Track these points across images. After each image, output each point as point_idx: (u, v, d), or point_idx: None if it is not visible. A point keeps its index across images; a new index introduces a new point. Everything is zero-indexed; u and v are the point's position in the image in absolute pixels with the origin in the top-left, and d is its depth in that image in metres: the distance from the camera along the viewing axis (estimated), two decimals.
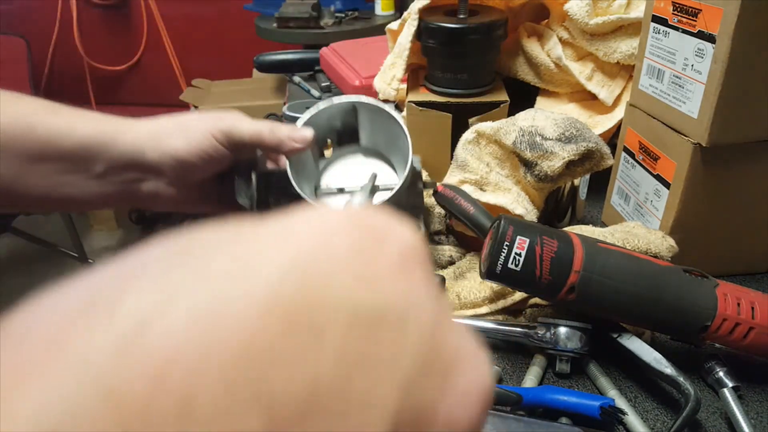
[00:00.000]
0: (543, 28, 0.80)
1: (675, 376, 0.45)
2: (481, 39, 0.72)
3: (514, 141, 0.60)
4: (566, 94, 0.81)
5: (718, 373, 0.49)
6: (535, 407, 0.46)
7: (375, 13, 1.97)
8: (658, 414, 0.47)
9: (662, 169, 0.59)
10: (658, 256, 0.54)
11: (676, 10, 0.54)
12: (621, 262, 0.48)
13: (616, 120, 0.74)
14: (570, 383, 0.51)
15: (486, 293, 0.58)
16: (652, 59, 0.59)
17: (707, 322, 0.46)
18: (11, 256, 2.55)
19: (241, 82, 2.44)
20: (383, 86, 0.86)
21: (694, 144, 0.53)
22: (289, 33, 1.80)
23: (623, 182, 0.67)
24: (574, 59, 0.78)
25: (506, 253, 0.48)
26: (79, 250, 2.05)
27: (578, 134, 0.59)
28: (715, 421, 0.47)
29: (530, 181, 0.60)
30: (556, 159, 0.58)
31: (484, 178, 0.63)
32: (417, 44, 0.78)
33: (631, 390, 0.50)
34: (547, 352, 0.52)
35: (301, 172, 0.69)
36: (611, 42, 0.73)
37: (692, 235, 0.58)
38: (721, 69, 0.49)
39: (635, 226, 0.58)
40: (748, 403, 0.48)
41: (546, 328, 0.51)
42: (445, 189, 0.60)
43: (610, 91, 0.76)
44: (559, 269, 0.47)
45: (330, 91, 1.21)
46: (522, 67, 0.82)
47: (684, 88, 0.54)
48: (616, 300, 0.47)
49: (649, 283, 0.47)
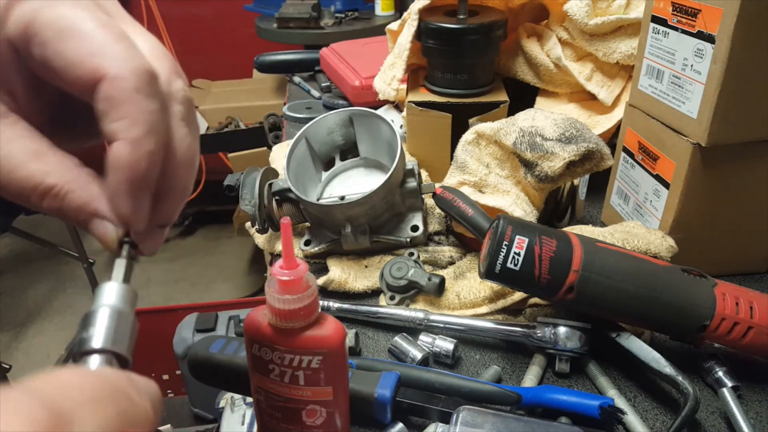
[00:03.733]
0: (542, 28, 0.80)
1: (674, 375, 0.45)
2: (481, 39, 0.73)
3: (514, 141, 0.60)
4: (566, 94, 0.81)
5: (717, 373, 0.49)
6: (535, 407, 0.46)
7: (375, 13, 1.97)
8: (657, 413, 0.47)
9: (662, 169, 0.59)
10: (657, 256, 0.54)
11: (675, 11, 0.55)
12: (620, 261, 0.48)
13: (615, 120, 0.74)
14: (569, 383, 0.51)
15: (486, 293, 0.58)
16: (651, 59, 0.60)
17: (706, 322, 0.46)
18: (11, 256, 2.55)
19: (241, 82, 2.44)
20: (383, 86, 0.86)
21: (694, 144, 0.53)
22: (289, 33, 1.80)
23: (623, 182, 0.67)
24: (573, 59, 0.78)
25: (505, 252, 0.48)
26: (79, 249, 2.05)
27: (578, 135, 0.59)
28: (714, 420, 0.47)
29: (530, 181, 0.61)
30: (556, 159, 0.58)
31: (483, 179, 0.63)
32: (417, 44, 0.78)
33: (631, 389, 0.50)
34: (546, 352, 0.52)
35: (302, 179, 0.69)
36: (611, 42, 0.73)
37: (691, 235, 0.58)
38: (720, 69, 0.49)
39: (635, 226, 0.59)
40: (748, 403, 0.48)
41: (545, 327, 0.51)
42: (444, 191, 0.60)
43: (609, 92, 0.76)
44: (558, 269, 0.47)
45: (330, 91, 1.21)
46: (521, 67, 0.82)
47: (683, 89, 0.54)
48: (615, 299, 0.47)
49: (647, 283, 0.47)
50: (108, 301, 0.25)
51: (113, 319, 0.25)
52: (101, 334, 0.24)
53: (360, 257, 0.67)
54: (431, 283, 0.58)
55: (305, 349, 0.35)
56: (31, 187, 0.25)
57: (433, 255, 0.66)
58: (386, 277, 0.61)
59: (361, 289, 0.62)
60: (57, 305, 2.29)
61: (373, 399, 0.45)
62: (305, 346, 0.35)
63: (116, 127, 0.24)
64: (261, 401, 0.39)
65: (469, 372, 0.53)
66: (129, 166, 0.25)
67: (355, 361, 0.51)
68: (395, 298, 0.60)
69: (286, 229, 0.32)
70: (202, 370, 0.50)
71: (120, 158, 0.24)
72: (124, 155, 0.24)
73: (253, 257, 2.48)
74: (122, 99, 0.24)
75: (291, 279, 0.33)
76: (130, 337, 0.25)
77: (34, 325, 2.19)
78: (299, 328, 0.35)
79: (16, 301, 2.30)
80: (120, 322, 0.25)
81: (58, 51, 0.24)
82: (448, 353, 0.53)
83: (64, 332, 2.11)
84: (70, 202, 0.25)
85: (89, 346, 0.24)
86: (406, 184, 0.66)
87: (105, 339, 0.24)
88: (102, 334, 0.24)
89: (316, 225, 0.68)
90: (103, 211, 0.26)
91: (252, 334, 0.36)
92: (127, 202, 0.25)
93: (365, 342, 0.57)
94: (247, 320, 0.36)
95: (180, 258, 2.57)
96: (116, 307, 0.25)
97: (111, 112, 0.24)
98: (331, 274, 0.62)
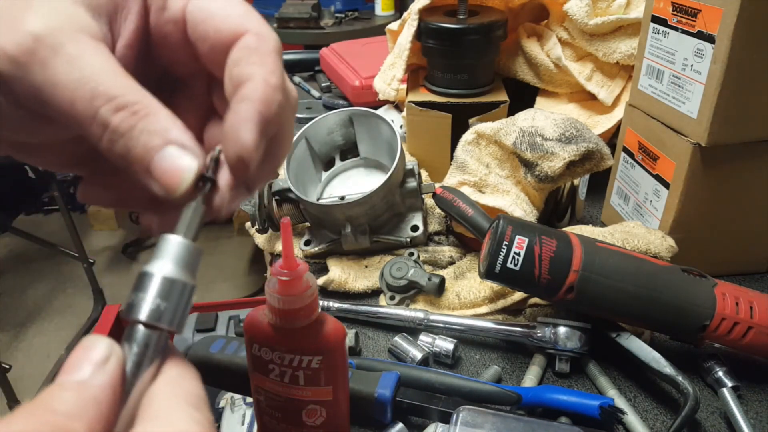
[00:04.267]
0: (542, 28, 0.81)
1: (674, 375, 0.45)
2: (481, 39, 0.73)
3: (514, 141, 0.60)
4: (566, 94, 0.81)
5: (717, 373, 0.49)
6: (535, 407, 0.46)
7: (375, 13, 1.98)
8: (657, 413, 0.47)
9: (662, 169, 0.59)
10: (657, 256, 0.54)
11: (675, 11, 0.55)
12: (620, 261, 0.48)
13: (615, 120, 0.74)
14: (569, 383, 0.51)
15: (486, 293, 0.58)
16: (651, 59, 0.60)
17: (706, 322, 0.46)
18: (11, 256, 2.55)
19: None
20: (383, 86, 0.86)
21: (694, 144, 0.53)
22: (290, 33, 1.80)
23: (623, 182, 0.67)
24: (573, 59, 0.78)
25: (505, 252, 0.48)
26: (80, 249, 2.05)
27: (578, 135, 0.59)
28: (714, 420, 0.47)
29: (530, 181, 0.60)
30: (556, 159, 0.58)
31: (483, 179, 0.63)
32: (417, 44, 0.78)
33: (631, 389, 0.50)
34: (546, 352, 0.52)
35: (302, 179, 0.69)
36: (611, 42, 0.73)
37: (692, 235, 0.58)
38: (720, 69, 0.49)
39: (635, 226, 0.59)
40: (748, 403, 0.48)
41: (545, 327, 0.51)
42: (444, 191, 0.60)
43: (609, 92, 0.76)
44: (558, 269, 0.47)
45: (330, 91, 1.21)
46: (522, 67, 0.82)
47: (683, 89, 0.54)
48: (615, 299, 0.47)
49: (647, 283, 0.47)
50: (166, 265, 0.24)
51: (166, 287, 0.23)
52: (149, 304, 0.23)
53: (360, 257, 0.67)
54: (431, 283, 0.58)
55: (305, 349, 0.35)
56: (106, 98, 0.23)
57: (433, 255, 0.66)
58: (386, 277, 0.61)
59: (361, 289, 0.62)
60: (57, 305, 2.29)
61: (373, 399, 0.45)
62: (305, 346, 0.35)
63: (255, 70, 0.25)
64: (261, 401, 0.39)
65: (469, 372, 0.53)
66: (263, 100, 0.24)
67: (355, 361, 0.51)
68: (395, 298, 0.60)
69: (286, 229, 0.32)
70: (202, 370, 0.50)
71: (256, 91, 0.24)
72: (260, 90, 0.24)
73: (253, 257, 2.48)
74: (264, 51, 0.25)
75: (291, 279, 0.33)
76: (182, 309, 0.24)
77: (33, 325, 2.19)
78: (299, 328, 0.35)
79: (16, 301, 2.30)
80: (173, 290, 0.24)
81: (207, 21, 0.26)
82: (448, 353, 0.53)
83: (64, 332, 2.11)
84: (147, 124, 0.23)
85: (135, 316, 0.23)
86: (406, 184, 0.66)
87: (152, 311, 0.23)
88: (150, 303, 0.23)
89: (316, 225, 0.68)
90: (182, 139, 0.24)
91: (252, 333, 0.36)
92: (253, 132, 0.24)
93: (365, 342, 0.57)
94: (247, 320, 0.36)
95: None
96: (173, 273, 0.24)
97: (252, 57, 0.25)
98: (331, 274, 0.62)
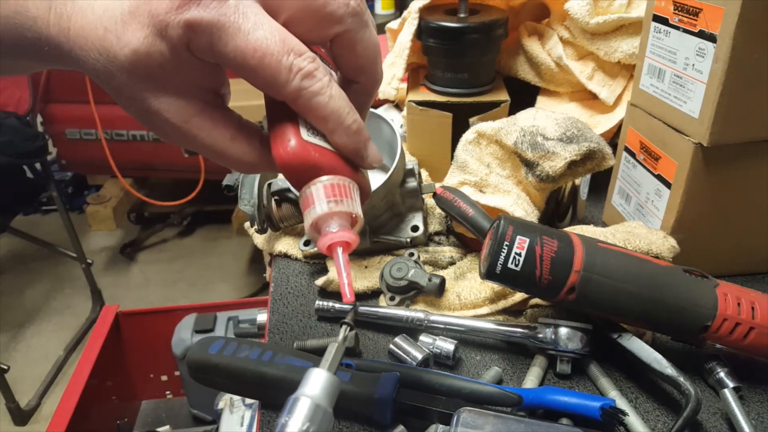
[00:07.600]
0: (543, 27, 0.80)
1: (676, 376, 0.45)
2: (482, 38, 0.72)
3: (515, 141, 0.60)
4: (567, 93, 0.81)
5: (719, 374, 0.48)
6: (536, 408, 0.46)
7: (375, 12, 1.97)
8: (658, 415, 0.47)
9: (663, 169, 0.58)
10: (659, 257, 0.54)
11: (677, 10, 0.54)
12: (621, 262, 0.48)
13: (617, 120, 0.74)
14: (571, 384, 0.51)
15: (486, 293, 0.58)
16: (653, 59, 0.59)
17: (707, 322, 0.46)
18: (10, 256, 2.55)
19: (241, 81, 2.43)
20: (383, 85, 0.86)
21: (695, 144, 0.53)
22: None
23: (624, 182, 0.67)
24: (574, 58, 0.78)
25: (506, 253, 0.48)
26: (78, 250, 2.04)
27: (580, 134, 0.59)
28: (715, 421, 0.47)
29: (531, 181, 0.60)
30: (557, 159, 0.58)
31: (484, 179, 0.63)
32: (417, 43, 0.78)
33: (632, 391, 0.50)
34: (547, 353, 0.52)
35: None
36: (612, 41, 0.73)
37: (693, 235, 0.58)
38: (722, 68, 0.49)
39: (636, 226, 0.58)
40: (749, 404, 0.48)
41: (546, 328, 0.51)
42: (445, 191, 0.60)
43: (611, 91, 0.76)
44: (559, 269, 0.47)
45: None
46: (522, 66, 0.82)
47: (685, 88, 0.54)
48: (617, 300, 0.47)
49: (649, 283, 0.47)
50: (312, 391, 0.32)
51: (310, 412, 0.32)
52: (296, 426, 0.31)
53: (360, 257, 0.66)
54: (431, 284, 0.58)
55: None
56: (293, 49, 0.31)
57: (434, 255, 0.66)
58: (386, 277, 0.60)
59: (361, 290, 0.62)
60: (55, 306, 2.29)
61: (373, 400, 0.45)
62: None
63: (369, 34, 0.34)
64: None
65: (470, 373, 0.53)
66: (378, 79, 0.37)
67: (354, 362, 0.50)
68: (395, 298, 0.60)
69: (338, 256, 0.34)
70: (201, 372, 0.50)
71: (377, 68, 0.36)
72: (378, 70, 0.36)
73: (252, 258, 2.48)
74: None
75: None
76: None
77: (32, 326, 2.18)
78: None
79: (14, 301, 2.29)
80: (315, 415, 0.32)
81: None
82: (448, 354, 0.52)
83: (63, 332, 2.11)
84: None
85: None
86: (407, 184, 0.66)
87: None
88: (297, 426, 0.31)
89: None
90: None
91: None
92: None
93: (365, 343, 0.57)
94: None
95: (178, 258, 2.56)
96: (317, 400, 0.32)
97: (363, 16, 0.33)
98: (330, 275, 0.62)
